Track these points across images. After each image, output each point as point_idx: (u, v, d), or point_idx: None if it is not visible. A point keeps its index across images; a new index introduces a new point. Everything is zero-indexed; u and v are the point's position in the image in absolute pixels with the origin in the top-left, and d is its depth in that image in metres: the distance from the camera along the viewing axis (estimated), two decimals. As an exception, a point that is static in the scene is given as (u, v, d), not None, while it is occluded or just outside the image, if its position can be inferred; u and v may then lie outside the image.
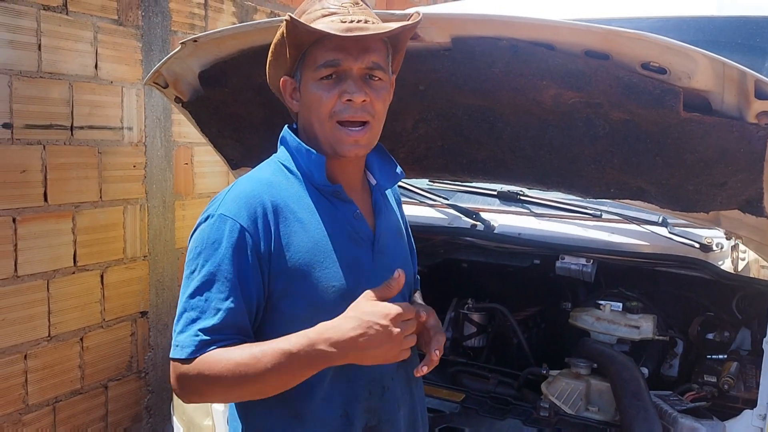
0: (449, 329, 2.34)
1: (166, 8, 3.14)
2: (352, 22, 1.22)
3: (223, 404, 2.01)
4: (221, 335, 1.19)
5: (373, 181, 1.41)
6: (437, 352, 1.27)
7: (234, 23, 3.52)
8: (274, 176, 1.30)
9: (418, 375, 1.27)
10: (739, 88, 1.34)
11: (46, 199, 2.65)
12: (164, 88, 1.91)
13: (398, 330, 1.14)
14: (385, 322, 1.14)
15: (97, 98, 2.84)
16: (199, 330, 1.18)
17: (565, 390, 1.90)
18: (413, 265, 1.54)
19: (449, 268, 2.40)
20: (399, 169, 1.41)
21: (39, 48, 2.59)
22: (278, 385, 1.20)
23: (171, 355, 1.21)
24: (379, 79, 1.28)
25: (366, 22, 1.23)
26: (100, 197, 2.89)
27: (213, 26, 3.39)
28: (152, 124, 3.11)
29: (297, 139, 1.32)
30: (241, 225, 1.21)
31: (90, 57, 2.80)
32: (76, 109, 2.75)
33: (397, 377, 1.38)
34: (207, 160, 3.40)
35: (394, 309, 1.15)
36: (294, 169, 1.31)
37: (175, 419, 2.32)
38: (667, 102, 1.41)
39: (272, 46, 1.31)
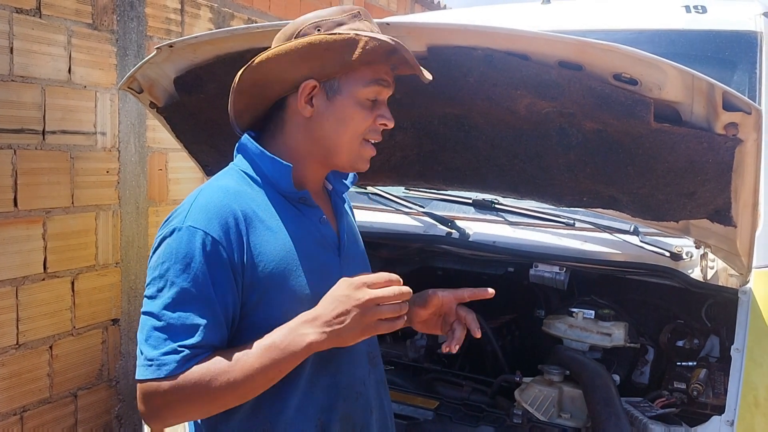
0: (423, 336, 2.34)
1: (142, 13, 3.12)
2: None
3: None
4: (201, 350, 1.15)
5: (329, 186, 1.43)
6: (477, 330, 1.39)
7: (210, 29, 3.50)
8: (238, 185, 1.27)
9: (448, 351, 1.39)
10: (708, 100, 1.37)
11: (16, 205, 2.61)
12: (139, 93, 1.90)
13: (368, 296, 1.14)
14: (357, 294, 1.15)
15: (70, 103, 2.80)
16: (179, 347, 1.13)
17: (537, 397, 1.91)
18: None
19: (424, 276, 2.40)
20: (353, 176, 1.45)
21: (11, 51, 2.55)
22: (263, 384, 1.17)
23: (144, 375, 1.13)
24: None
25: None
26: (72, 203, 2.85)
27: (189, 32, 3.37)
28: (126, 130, 3.08)
29: (259, 146, 1.29)
30: (213, 237, 1.16)
31: (63, 61, 2.76)
32: (49, 114, 2.72)
33: (369, 381, 1.38)
34: (181, 166, 3.37)
35: (362, 278, 1.17)
36: (256, 176, 1.29)
37: (145, 428, 2.29)
38: (638, 113, 1.43)
39: (308, 45, 1.22)
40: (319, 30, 1.25)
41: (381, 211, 2.39)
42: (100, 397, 3.08)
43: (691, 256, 1.92)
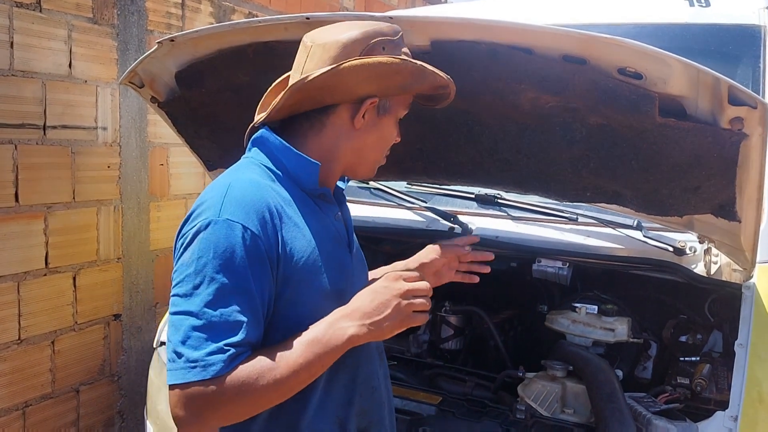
0: (426, 332, 2.34)
1: (143, 7, 3.11)
2: None
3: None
4: (243, 348, 1.12)
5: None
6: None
7: (211, 23, 3.49)
8: (263, 179, 1.26)
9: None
10: (713, 94, 1.36)
11: (17, 200, 2.61)
12: (140, 87, 1.89)
13: (407, 287, 1.20)
14: (396, 285, 1.21)
15: (71, 97, 2.80)
16: (225, 345, 1.10)
17: (541, 392, 1.91)
18: None
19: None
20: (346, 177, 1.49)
21: (11, 46, 2.54)
22: (306, 380, 1.17)
23: (187, 378, 1.09)
24: None
25: None
26: (73, 198, 2.84)
27: (190, 26, 3.36)
28: (127, 124, 3.07)
29: (284, 142, 1.29)
30: (252, 231, 1.14)
31: (64, 55, 2.76)
32: (49, 108, 2.71)
33: (380, 376, 1.40)
34: (183, 161, 3.37)
35: (397, 272, 1.24)
36: (277, 170, 1.28)
37: (148, 423, 2.29)
38: (643, 107, 1.42)
39: (385, 66, 1.26)
40: (384, 49, 1.28)
41: (383, 206, 2.38)
42: (102, 393, 3.08)
43: (694, 251, 1.92)
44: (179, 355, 1.11)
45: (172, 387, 1.11)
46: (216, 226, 1.14)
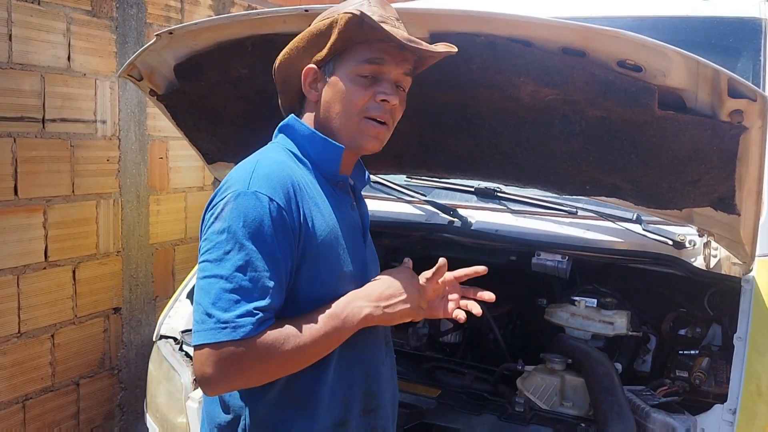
0: (426, 325, 2.34)
1: (141, 0, 3.10)
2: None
3: (197, 401, 2.00)
4: (270, 313, 1.18)
5: (351, 182, 1.47)
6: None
7: (211, 16, 3.48)
8: (288, 160, 1.31)
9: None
10: (713, 87, 1.35)
11: (16, 193, 2.61)
12: (139, 80, 1.89)
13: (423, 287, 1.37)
14: (412, 277, 1.35)
15: (70, 90, 2.79)
16: (255, 309, 1.15)
17: (540, 385, 1.91)
18: None
19: (426, 265, 2.39)
20: (368, 175, 1.52)
21: (10, 38, 2.53)
22: (324, 350, 1.24)
23: (217, 338, 1.13)
24: (404, 90, 1.37)
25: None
26: (73, 191, 2.84)
27: (189, 19, 3.35)
28: (126, 118, 3.07)
29: (310, 128, 1.34)
30: (278, 203, 1.20)
31: (63, 48, 2.75)
32: (48, 102, 2.70)
33: (387, 362, 1.43)
34: (182, 154, 3.36)
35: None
36: (301, 156, 1.34)
37: (148, 417, 2.29)
38: (642, 100, 1.42)
39: (307, 34, 1.33)
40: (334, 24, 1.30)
41: (383, 200, 2.38)
42: (102, 386, 3.08)
43: (694, 245, 1.92)
44: (210, 316, 1.15)
45: (200, 347, 1.16)
46: (245, 198, 1.19)
